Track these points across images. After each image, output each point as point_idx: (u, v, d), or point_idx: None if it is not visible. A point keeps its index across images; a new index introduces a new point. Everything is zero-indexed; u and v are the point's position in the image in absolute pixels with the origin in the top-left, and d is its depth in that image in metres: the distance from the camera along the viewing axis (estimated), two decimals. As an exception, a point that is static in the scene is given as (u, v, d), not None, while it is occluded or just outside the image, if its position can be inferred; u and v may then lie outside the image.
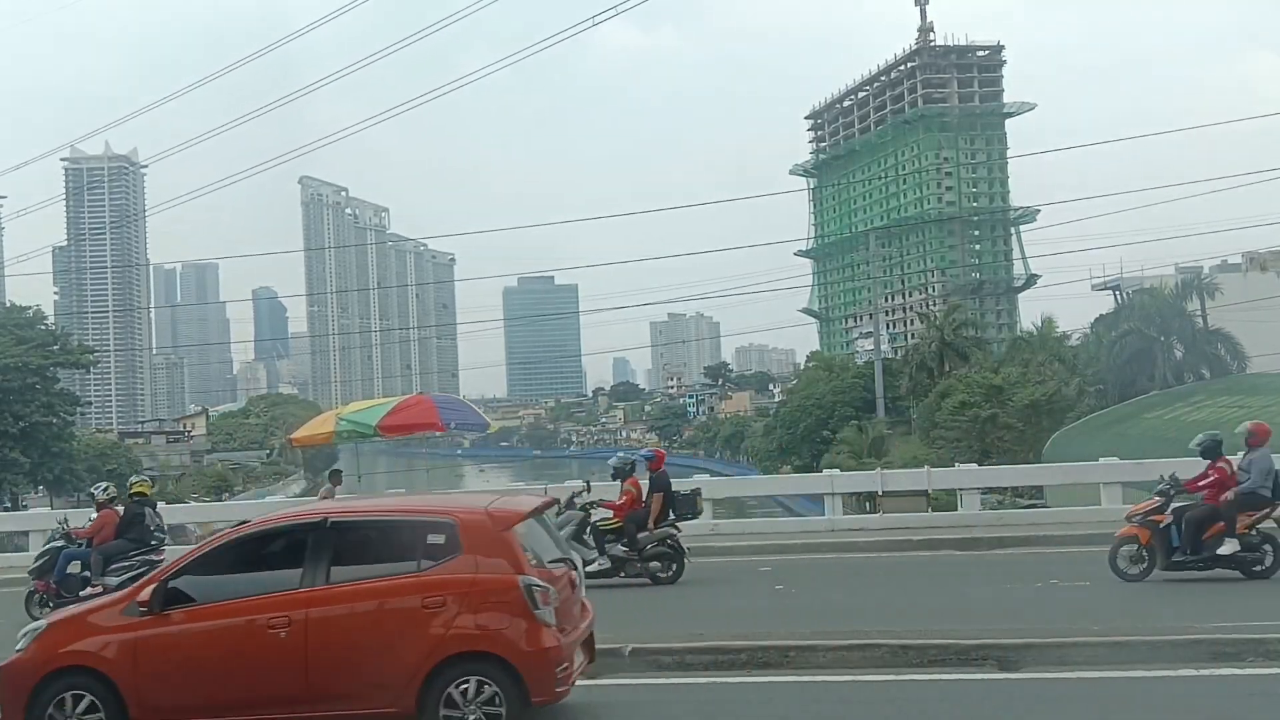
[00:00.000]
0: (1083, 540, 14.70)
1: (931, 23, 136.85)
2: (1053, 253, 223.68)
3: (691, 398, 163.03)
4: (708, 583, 14.28)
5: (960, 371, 59.02)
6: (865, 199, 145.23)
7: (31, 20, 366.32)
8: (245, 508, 32.17)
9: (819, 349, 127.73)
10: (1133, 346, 55.02)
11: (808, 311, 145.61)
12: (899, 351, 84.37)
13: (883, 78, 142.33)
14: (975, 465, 25.13)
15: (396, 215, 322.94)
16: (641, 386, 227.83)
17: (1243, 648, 8.56)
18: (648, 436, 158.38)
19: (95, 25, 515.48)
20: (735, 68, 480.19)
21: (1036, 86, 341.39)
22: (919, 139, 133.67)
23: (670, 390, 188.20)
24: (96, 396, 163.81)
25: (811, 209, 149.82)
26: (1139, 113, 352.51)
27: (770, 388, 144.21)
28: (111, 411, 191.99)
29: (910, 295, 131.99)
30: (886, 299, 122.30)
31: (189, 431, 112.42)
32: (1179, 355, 55.60)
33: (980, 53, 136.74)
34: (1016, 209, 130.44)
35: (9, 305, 71.06)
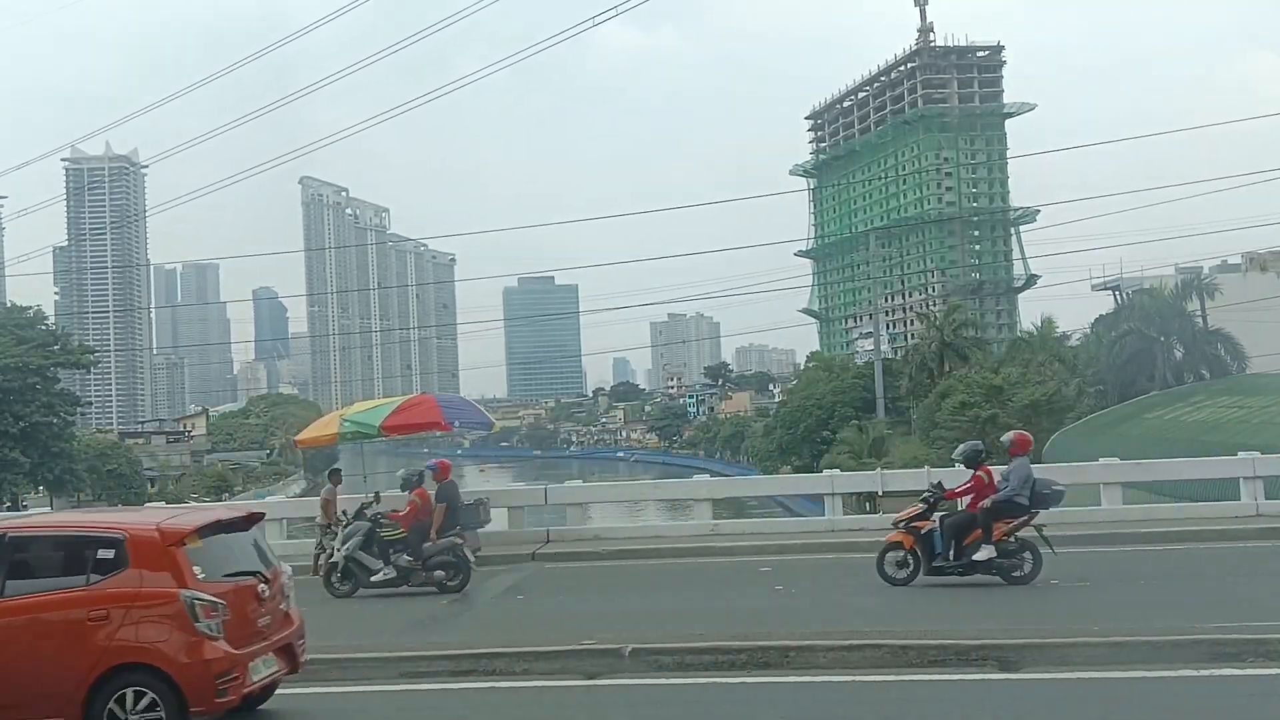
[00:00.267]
0: (1082, 540, 14.70)
1: (931, 23, 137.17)
2: (1053, 253, 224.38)
3: (691, 398, 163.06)
4: (708, 583, 14.26)
5: (960, 372, 58.98)
6: (865, 199, 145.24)
7: (31, 20, 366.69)
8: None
9: (819, 349, 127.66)
10: (1132, 347, 54.93)
11: (808, 312, 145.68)
12: (899, 352, 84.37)
13: (883, 78, 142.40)
14: (975, 465, 25.12)
15: (396, 215, 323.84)
16: (641, 387, 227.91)
17: (1243, 648, 8.57)
18: (648, 437, 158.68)
19: (95, 25, 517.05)
20: (735, 68, 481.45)
21: (1036, 86, 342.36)
22: (919, 139, 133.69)
23: (670, 390, 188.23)
24: (97, 396, 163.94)
25: (811, 209, 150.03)
26: (1139, 113, 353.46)
27: (770, 388, 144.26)
28: (112, 411, 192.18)
29: (910, 295, 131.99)
30: (886, 299, 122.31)
31: (189, 431, 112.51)
32: (1179, 356, 55.48)
33: (980, 53, 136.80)
34: (1016, 209, 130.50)
35: (9, 305, 71.07)
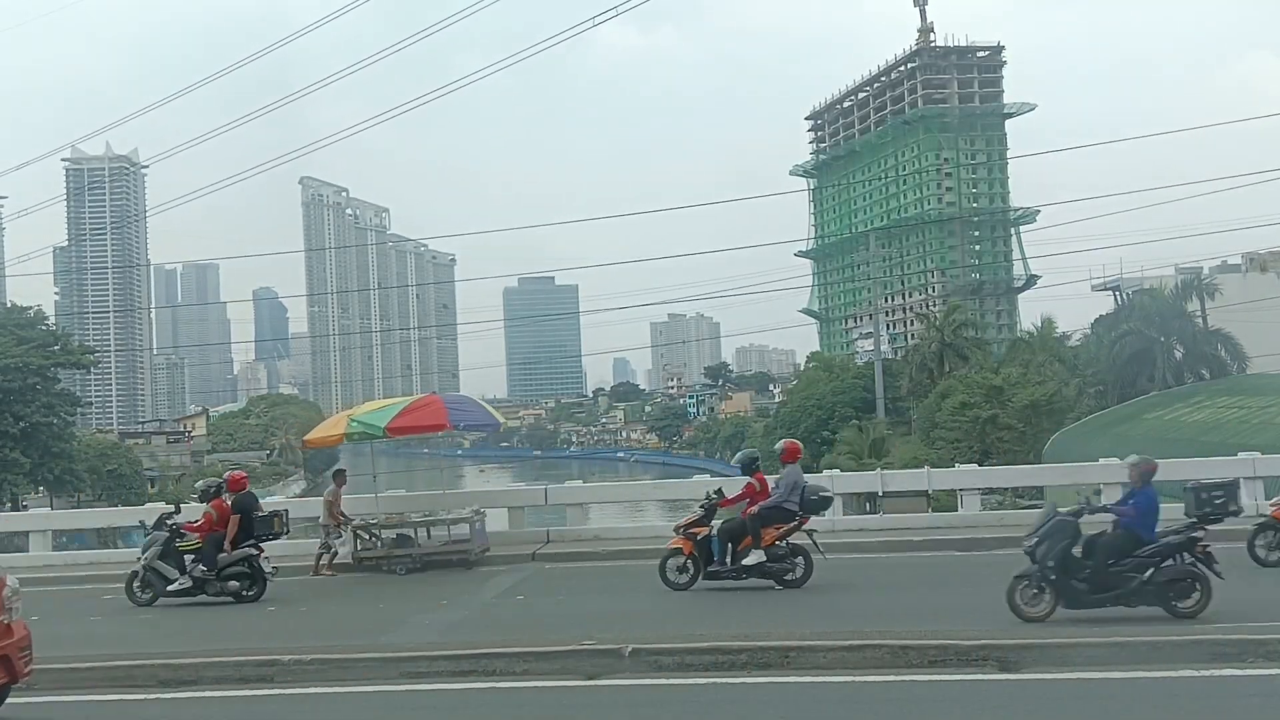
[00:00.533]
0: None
1: (932, 23, 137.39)
2: (1053, 253, 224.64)
3: (692, 398, 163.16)
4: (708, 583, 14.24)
5: (960, 372, 59.10)
6: (865, 199, 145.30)
7: (32, 20, 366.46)
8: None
9: (819, 349, 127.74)
10: (1132, 347, 54.91)
11: (808, 312, 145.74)
12: (899, 352, 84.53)
13: (883, 78, 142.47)
14: (975, 466, 25.14)
15: (397, 215, 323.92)
16: (642, 387, 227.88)
17: (1243, 648, 8.56)
18: (648, 437, 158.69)
19: (95, 25, 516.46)
20: (735, 68, 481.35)
21: (1036, 86, 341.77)
22: (919, 139, 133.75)
23: (670, 391, 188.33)
24: (97, 397, 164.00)
25: (812, 209, 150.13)
26: (1139, 113, 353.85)
27: (770, 388, 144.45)
28: (112, 412, 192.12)
29: (910, 296, 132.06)
30: (886, 299, 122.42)
31: (189, 432, 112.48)
32: (1179, 356, 55.44)
33: (980, 53, 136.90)
34: (1016, 209, 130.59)
35: (10, 305, 70.99)
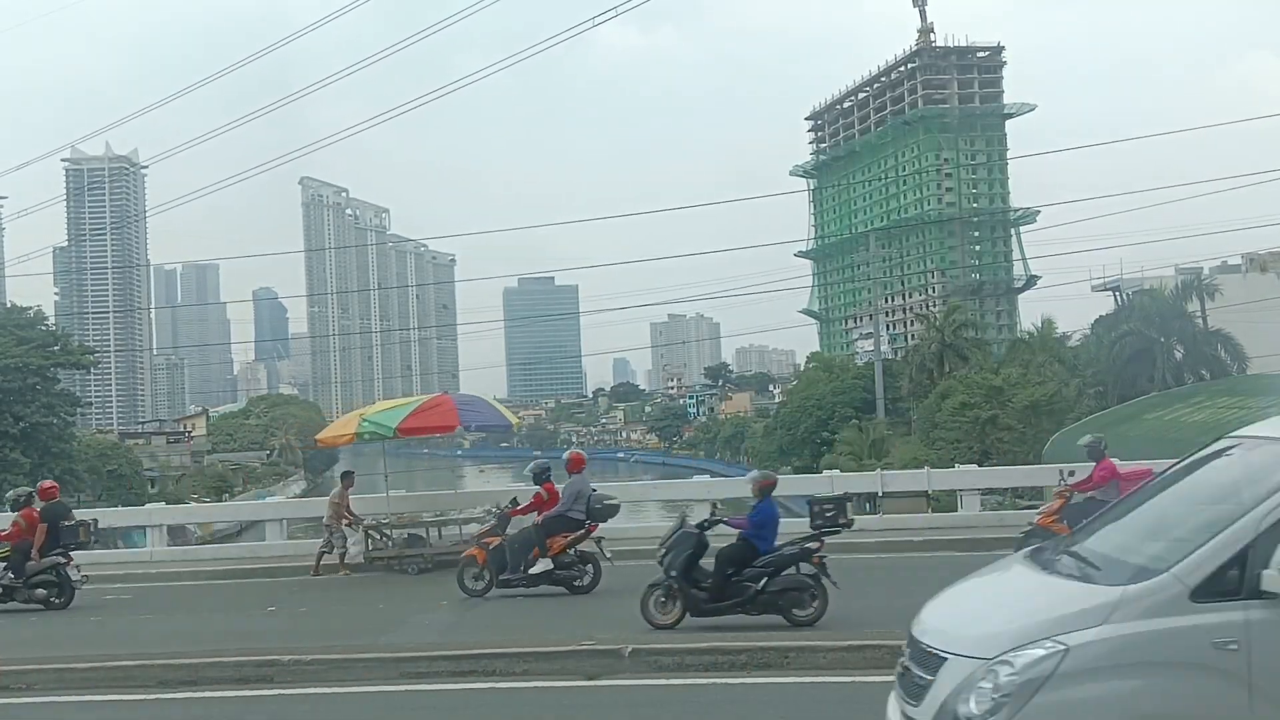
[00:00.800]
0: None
1: (931, 23, 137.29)
2: (1053, 254, 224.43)
3: (692, 398, 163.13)
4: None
5: (960, 372, 59.05)
6: (865, 200, 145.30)
7: (32, 20, 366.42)
8: (246, 508, 32.26)
9: (819, 350, 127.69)
10: (1133, 347, 54.89)
11: (808, 312, 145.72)
12: (899, 352, 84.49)
13: (883, 78, 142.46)
14: (975, 466, 25.17)
15: (397, 216, 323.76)
16: (642, 387, 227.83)
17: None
18: (648, 437, 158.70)
19: (95, 25, 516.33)
20: (735, 68, 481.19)
21: (1036, 87, 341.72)
22: (919, 140, 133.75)
23: (670, 391, 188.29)
24: (97, 397, 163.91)
25: (811, 210, 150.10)
26: (1139, 113, 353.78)
27: (770, 388, 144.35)
28: (112, 412, 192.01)
29: (910, 296, 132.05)
30: (886, 300, 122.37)
31: (189, 432, 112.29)
32: (1179, 356, 55.43)
33: (980, 53, 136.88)
34: (1016, 210, 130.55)
35: (9, 306, 70.99)
